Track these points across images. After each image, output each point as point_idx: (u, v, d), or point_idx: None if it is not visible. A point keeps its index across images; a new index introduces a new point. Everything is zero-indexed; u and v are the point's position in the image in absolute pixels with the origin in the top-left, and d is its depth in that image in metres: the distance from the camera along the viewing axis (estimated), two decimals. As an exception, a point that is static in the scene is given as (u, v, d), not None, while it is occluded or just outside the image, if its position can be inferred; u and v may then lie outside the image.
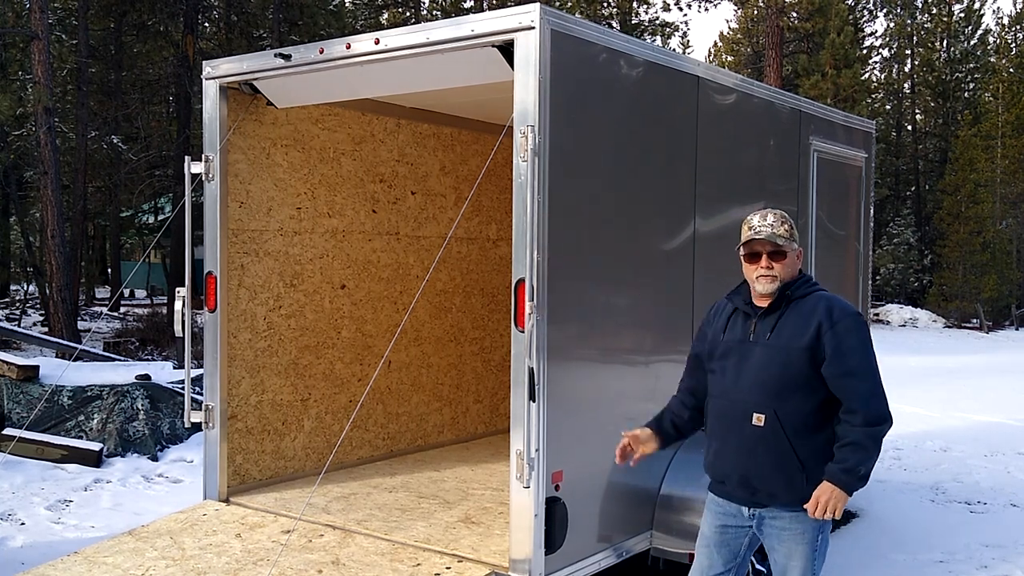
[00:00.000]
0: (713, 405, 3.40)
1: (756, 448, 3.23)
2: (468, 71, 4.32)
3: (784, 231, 3.27)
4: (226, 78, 5.08)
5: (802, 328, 3.20)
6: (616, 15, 29.67)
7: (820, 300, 3.26)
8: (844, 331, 3.18)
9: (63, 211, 15.17)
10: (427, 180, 6.59)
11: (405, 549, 4.33)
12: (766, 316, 3.28)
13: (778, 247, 3.25)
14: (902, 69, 37.65)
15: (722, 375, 3.35)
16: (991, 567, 5.70)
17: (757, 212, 3.35)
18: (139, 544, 4.46)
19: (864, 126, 6.91)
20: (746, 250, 3.30)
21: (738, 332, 3.34)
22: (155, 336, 17.35)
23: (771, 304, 3.28)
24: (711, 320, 3.50)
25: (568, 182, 4.04)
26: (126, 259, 32.82)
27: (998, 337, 23.87)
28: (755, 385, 3.23)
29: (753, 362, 3.25)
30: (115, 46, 20.96)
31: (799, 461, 3.19)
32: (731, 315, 3.40)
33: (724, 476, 3.37)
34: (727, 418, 3.32)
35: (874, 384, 3.18)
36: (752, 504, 3.32)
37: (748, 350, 3.28)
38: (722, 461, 3.36)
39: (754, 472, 3.26)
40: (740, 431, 3.26)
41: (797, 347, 3.18)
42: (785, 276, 3.27)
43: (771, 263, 3.25)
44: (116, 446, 7.99)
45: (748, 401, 3.24)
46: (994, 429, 10.40)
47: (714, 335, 3.42)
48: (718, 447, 3.38)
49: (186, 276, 5.12)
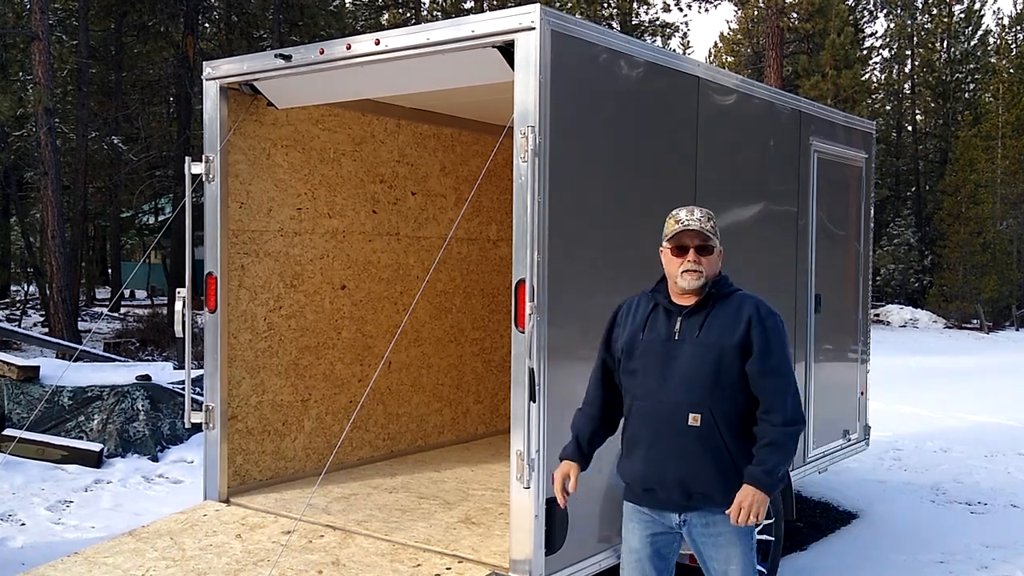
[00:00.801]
0: (637, 408, 3.25)
1: (694, 449, 3.13)
2: (468, 72, 4.32)
3: (711, 227, 3.20)
4: (226, 79, 5.08)
5: (732, 326, 3.14)
6: (616, 16, 29.68)
7: (746, 299, 3.23)
8: (771, 329, 3.15)
9: (63, 212, 15.17)
10: (427, 181, 6.59)
11: (405, 550, 4.33)
12: (693, 314, 3.20)
13: (706, 241, 3.18)
14: (902, 70, 37.65)
15: (645, 375, 3.22)
16: (991, 568, 5.70)
17: (683, 207, 3.28)
18: (139, 545, 4.46)
19: (864, 127, 6.91)
20: (674, 243, 3.21)
21: (661, 331, 3.22)
22: (155, 337, 17.36)
23: (697, 302, 3.20)
24: (623, 321, 3.37)
25: (568, 183, 4.04)
26: (126, 260, 32.83)
27: (998, 338, 23.87)
28: (686, 384, 3.13)
29: (682, 361, 3.15)
30: (115, 47, 20.97)
31: (733, 461, 3.14)
32: (650, 313, 3.28)
33: (657, 482, 3.22)
34: (657, 420, 3.19)
35: (793, 384, 3.17)
36: (685, 509, 3.23)
37: (675, 349, 3.18)
38: (654, 467, 3.21)
39: (692, 474, 3.15)
40: (674, 433, 3.15)
41: (729, 344, 3.12)
42: (710, 273, 3.20)
43: (698, 258, 3.17)
44: (116, 447, 7.99)
45: (681, 401, 3.14)
46: (994, 430, 10.40)
47: (631, 334, 3.28)
48: (648, 452, 3.22)
49: (186, 277, 5.12)
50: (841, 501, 7.22)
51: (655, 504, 3.28)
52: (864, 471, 8.18)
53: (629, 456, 3.31)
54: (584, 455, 3.42)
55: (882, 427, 9.69)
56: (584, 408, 3.48)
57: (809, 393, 6.12)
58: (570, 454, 3.42)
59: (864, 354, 6.93)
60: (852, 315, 6.79)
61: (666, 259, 3.26)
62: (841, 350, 6.63)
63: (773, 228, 5.74)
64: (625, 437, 3.32)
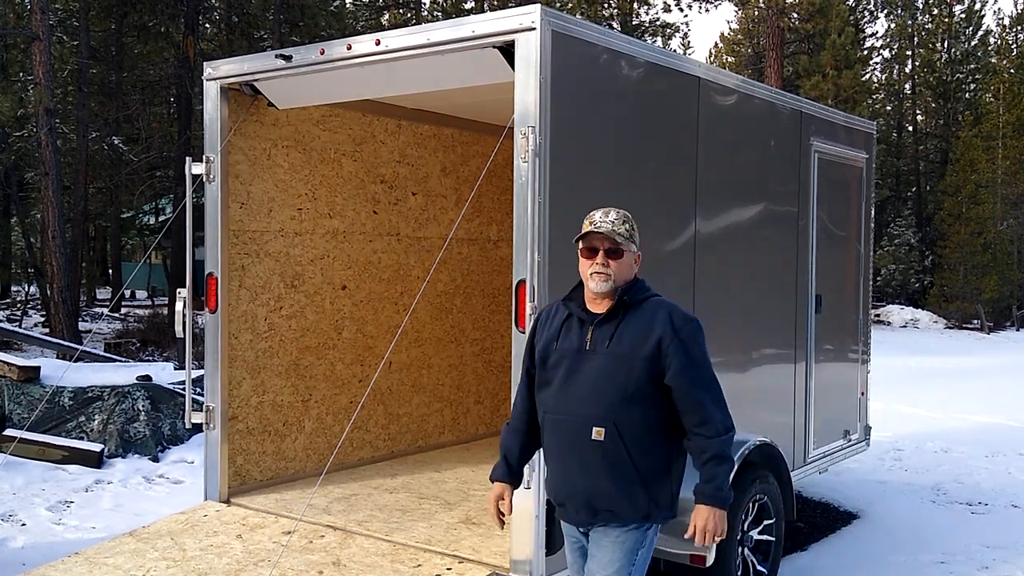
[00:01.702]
0: (548, 421, 3.12)
1: (599, 464, 3.00)
2: (469, 72, 4.32)
3: (624, 230, 3.06)
4: (227, 79, 5.08)
5: (644, 336, 3.00)
6: (617, 16, 29.68)
7: (660, 306, 3.08)
8: (689, 339, 3.02)
9: (64, 212, 15.18)
10: (428, 181, 6.59)
11: (406, 550, 4.33)
12: (604, 324, 3.06)
13: (616, 244, 3.04)
14: (903, 70, 37.64)
15: (554, 387, 3.09)
16: (992, 568, 5.70)
17: (600, 208, 3.14)
18: (140, 545, 4.46)
19: (865, 127, 6.91)
20: (584, 244, 3.09)
21: (573, 340, 3.09)
22: (156, 337, 17.36)
23: (609, 311, 3.06)
24: (540, 329, 3.23)
25: (569, 183, 4.04)
26: (127, 260, 32.82)
27: (999, 338, 23.86)
28: (593, 397, 3.00)
29: (590, 372, 3.02)
30: (116, 47, 20.97)
31: (640, 477, 3.00)
32: (564, 322, 3.15)
33: (567, 497, 3.11)
34: (564, 433, 3.06)
35: (719, 390, 3.06)
36: (590, 526, 3.11)
37: (584, 359, 3.04)
38: (564, 481, 3.09)
39: (596, 491, 3.02)
40: (580, 447, 3.02)
41: (640, 356, 2.98)
42: (620, 278, 3.05)
43: (607, 260, 3.03)
44: (117, 447, 7.99)
45: (587, 414, 3.00)
46: (995, 430, 10.39)
47: (546, 343, 3.15)
48: (558, 467, 3.11)
49: (187, 277, 5.13)
50: (842, 501, 7.22)
51: (567, 519, 3.19)
52: (865, 471, 8.18)
53: (547, 469, 3.21)
54: (515, 473, 3.27)
55: (883, 427, 9.69)
56: (512, 423, 3.31)
57: (810, 393, 6.12)
58: (501, 475, 3.26)
59: (865, 354, 6.93)
60: (852, 315, 6.79)
61: (580, 261, 3.13)
62: (842, 350, 6.63)
63: (773, 228, 5.74)
64: (544, 450, 3.21)
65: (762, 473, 4.91)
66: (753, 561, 4.90)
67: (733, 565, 4.64)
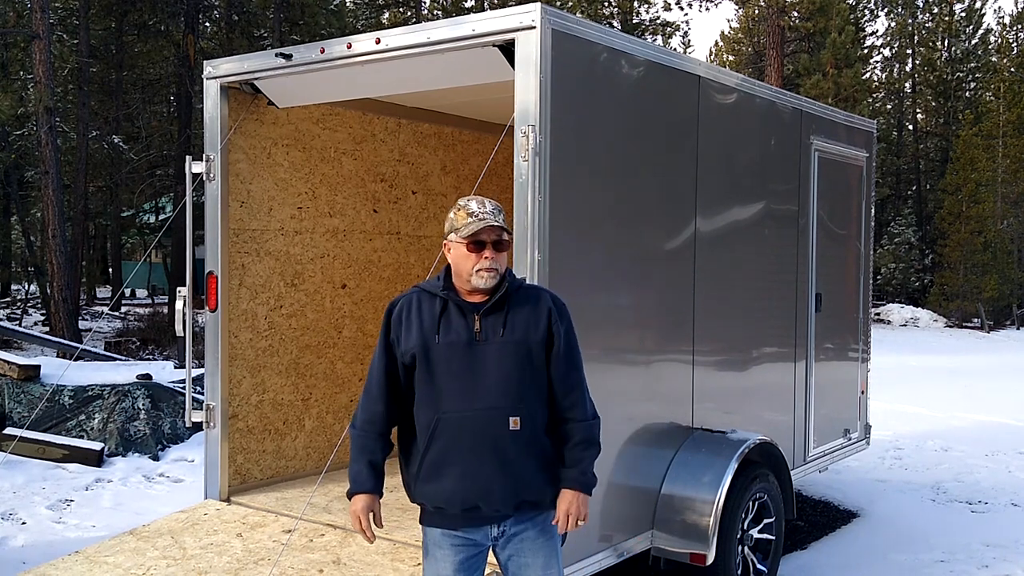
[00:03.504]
0: (447, 421, 2.89)
1: (519, 455, 2.88)
2: (469, 71, 4.32)
3: (503, 220, 2.93)
4: (227, 78, 5.08)
5: (535, 321, 2.92)
6: (617, 15, 29.68)
7: (539, 290, 3.04)
8: (568, 322, 2.99)
9: (64, 211, 15.18)
10: (428, 180, 6.59)
11: (406, 548, 4.33)
12: (491, 313, 2.92)
13: (502, 237, 2.91)
14: (903, 69, 37.64)
15: (450, 384, 2.89)
16: (992, 567, 5.70)
17: (472, 198, 2.97)
18: (140, 544, 4.46)
19: (865, 126, 6.91)
20: (471, 239, 2.89)
21: (461, 333, 2.90)
22: (156, 336, 17.37)
23: (497, 299, 2.92)
24: (404, 323, 2.98)
25: (569, 182, 4.04)
26: (127, 259, 32.84)
27: (999, 337, 23.86)
28: (501, 387, 2.87)
29: (489, 363, 2.88)
30: (116, 46, 20.98)
31: (550, 462, 2.96)
32: (440, 314, 2.94)
33: (480, 498, 2.90)
34: (473, 432, 2.87)
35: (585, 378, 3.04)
36: (507, 519, 2.96)
37: (479, 351, 2.89)
38: (475, 481, 2.89)
39: (521, 481, 2.90)
40: (495, 441, 2.86)
41: (536, 341, 2.91)
42: (503, 270, 2.94)
43: (495, 255, 2.89)
44: (117, 446, 7.99)
45: (498, 407, 2.86)
46: (995, 429, 10.39)
47: (422, 339, 2.92)
48: (465, 468, 2.89)
49: (187, 276, 5.13)
50: (842, 500, 7.22)
51: (476, 522, 2.96)
52: (865, 470, 8.18)
53: (436, 478, 2.93)
54: (381, 482, 3.03)
55: (883, 426, 9.69)
56: (367, 427, 3.01)
57: (810, 392, 6.12)
58: (371, 487, 2.99)
59: (865, 353, 6.93)
60: (853, 314, 6.79)
61: (458, 254, 2.93)
62: (842, 349, 6.63)
63: (774, 227, 5.74)
64: (427, 458, 2.93)
65: (762, 471, 4.92)
66: (753, 560, 4.91)
67: (733, 563, 4.64)
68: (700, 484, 4.58)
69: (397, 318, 3.00)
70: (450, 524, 2.98)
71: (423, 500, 3.02)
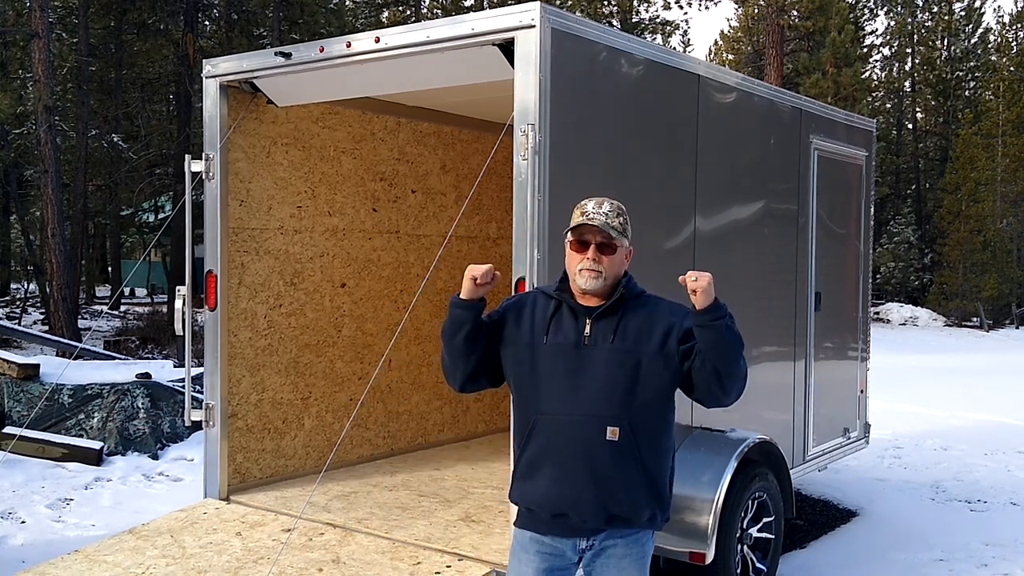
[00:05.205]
0: (543, 423, 2.84)
1: (614, 466, 2.79)
2: (468, 70, 4.32)
3: (618, 224, 2.85)
4: (226, 76, 5.08)
5: (648, 330, 2.82)
6: (617, 13, 29.66)
7: (659, 301, 2.92)
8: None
9: (63, 210, 15.17)
10: (427, 178, 6.59)
11: (406, 548, 4.33)
12: (604, 317, 2.85)
13: (609, 239, 2.83)
14: (903, 68, 37.64)
15: (551, 385, 2.84)
16: (991, 566, 5.70)
17: (593, 198, 2.92)
18: (139, 542, 4.46)
19: (865, 125, 6.91)
20: (574, 236, 2.86)
21: (570, 335, 2.85)
22: (155, 335, 17.36)
23: (610, 304, 2.85)
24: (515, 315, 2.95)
25: (568, 181, 4.04)
26: (126, 258, 32.83)
27: (998, 336, 23.87)
28: (603, 394, 2.79)
29: (595, 369, 2.80)
30: (115, 44, 20.95)
31: (650, 478, 2.84)
32: (553, 314, 2.90)
33: (570, 506, 2.82)
34: (569, 436, 2.81)
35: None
36: (597, 533, 2.86)
37: (587, 356, 2.82)
38: (566, 488, 2.81)
39: (612, 494, 2.80)
40: (590, 449, 2.79)
41: (648, 351, 2.80)
42: (610, 275, 2.84)
43: (599, 256, 2.82)
44: (116, 445, 7.99)
45: (598, 414, 2.78)
46: (994, 428, 10.40)
47: (531, 337, 2.89)
48: (557, 472, 2.82)
49: (186, 275, 5.12)
50: (841, 499, 7.22)
51: (564, 531, 2.87)
52: (864, 469, 8.18)
53: (531, 478, 2.88)
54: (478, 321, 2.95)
55: (882, 425, 9.69)
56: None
57: (809, 391, 6.12)
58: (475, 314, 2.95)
59: (864, 352, 6.93)
60: (852, 313, 6.79)
61: (567, 252, 2.92)
62: (841, 348, 6.63)
63: (773, 226, 5.74)
64: (524, 457, 2.90)
65: (761, 470, 4.92)
66: (752, 559, 4.90)
67: (732, 562, 4.64)
68: (699, 483, 4.58)
69: (513, 305, 3.00)
70: (540, 529, 2.91)
71: (518, 499, 2.96)
